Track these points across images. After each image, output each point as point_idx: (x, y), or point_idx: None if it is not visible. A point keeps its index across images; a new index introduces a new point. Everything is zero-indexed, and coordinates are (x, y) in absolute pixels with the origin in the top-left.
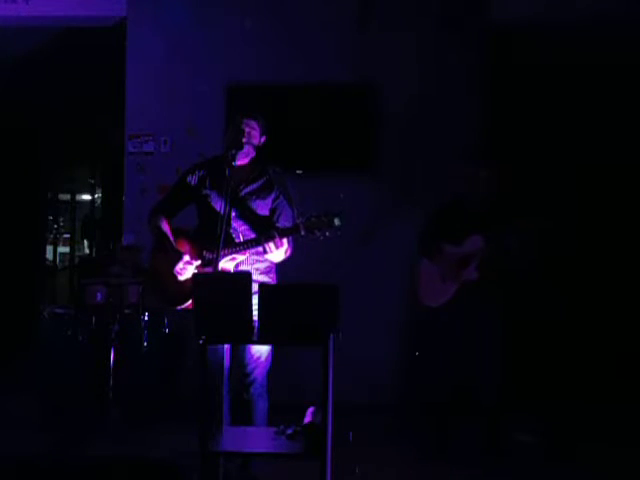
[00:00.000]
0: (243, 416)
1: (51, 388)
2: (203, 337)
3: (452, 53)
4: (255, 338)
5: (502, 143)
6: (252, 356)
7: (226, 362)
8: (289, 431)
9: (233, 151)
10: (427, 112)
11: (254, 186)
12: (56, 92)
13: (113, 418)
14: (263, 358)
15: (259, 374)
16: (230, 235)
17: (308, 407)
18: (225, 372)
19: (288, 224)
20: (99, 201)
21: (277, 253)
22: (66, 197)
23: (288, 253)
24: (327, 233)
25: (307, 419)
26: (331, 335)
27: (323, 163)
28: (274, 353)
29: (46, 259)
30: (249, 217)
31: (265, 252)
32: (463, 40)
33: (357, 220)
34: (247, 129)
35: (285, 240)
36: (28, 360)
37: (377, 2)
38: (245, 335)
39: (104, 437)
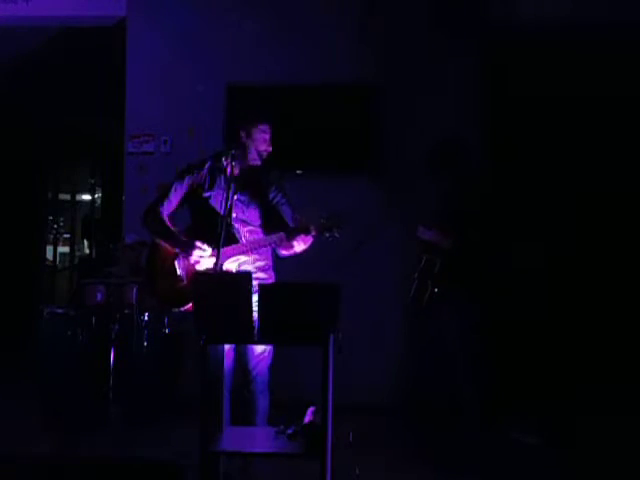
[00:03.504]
0: (244, 413)
1: (51, 388)
2: (203, 337)
3: (451, 54)
4: (255, 338)
5: (503, 140)
6: (253, 352)
7: (228, 362)
8: (289, 431)
9: (233, 152)
10: (426, 113)
11: (254, 188)
12: (56, 92)
13: (113, 418)
14: (265, 354)
15: (261, 370)
16: (234, 236)
17: (308, 407)
18: (227, 372)
19: (291, 224)
20: (99, 201)
21: (299, 247)
22: (66, 197)
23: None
24: (336, 234)
25: (307, 419)
26: (331, 335)
27: (323, 163)
28: (275, 349)
29: (46, 259)
30: (250, 218)
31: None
32: (462, 41)
33: (356, 220)
34: (267, 136)
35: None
36: (28, 360)
37: (379, 2)
38: (245, 335)
39: (104, 437)
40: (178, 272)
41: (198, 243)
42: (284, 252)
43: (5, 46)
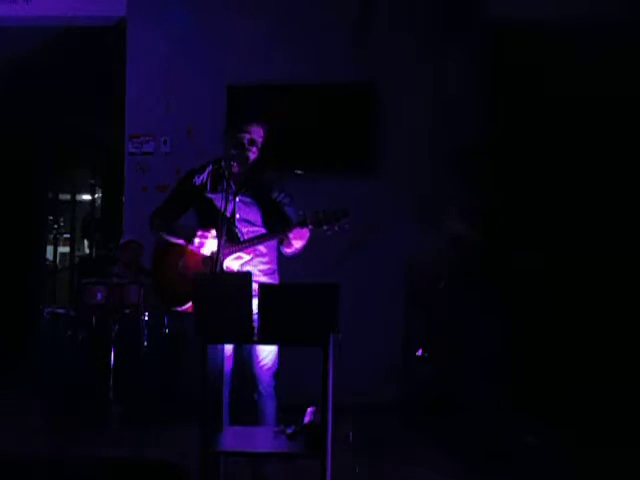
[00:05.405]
0: (252, 417)
1: (51, 388)
2: (203, 337)
3: (452, 53)
4: (255, 338)
5: (503, 140)
6: (257, 357)
7: (228, 365)
8: (289, 431)
9: (233, 162)
10: (427, 112)
11: (256, 188)
12: (56, 92)
13: (113, 418)
14: (268, 359)
15: (265, 378)
16: (236, 235)
17: (308, 407)
18: (227, 374)
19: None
20: (99, 201)
21: (297, 243)
22: (66, 197)
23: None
24: (336, 227)
25: (307, 419)
26: (331, 335)
27: (323, 163)
28: (279, 355)
29: (46, 259)
30: (253, 218)
31: (283, 244)
32: (463, 41)
33: (356, 220)
34: (255, 136)
35: (307, 230)
36: (28, 360)
37: (378, 2)
38: (245, 335)
39: (104, 437)
40: (180, 267)
41: (199, 231)
42: (287, 250)
43: (5, 46)
